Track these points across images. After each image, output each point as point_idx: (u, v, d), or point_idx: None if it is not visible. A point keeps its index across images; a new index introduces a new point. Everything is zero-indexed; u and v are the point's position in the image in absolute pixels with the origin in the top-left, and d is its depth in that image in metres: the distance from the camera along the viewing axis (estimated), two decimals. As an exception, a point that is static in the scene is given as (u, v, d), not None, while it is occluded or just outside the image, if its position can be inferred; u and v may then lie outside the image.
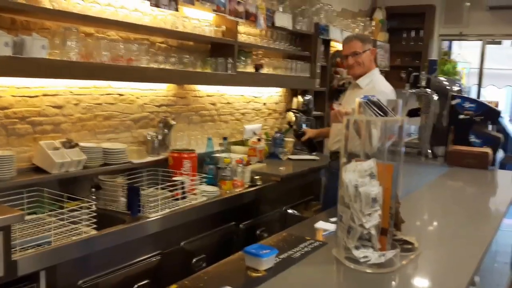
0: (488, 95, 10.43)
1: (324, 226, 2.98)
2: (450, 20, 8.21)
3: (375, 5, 8.34)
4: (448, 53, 8.29)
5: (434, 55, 8.19)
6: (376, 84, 3.89)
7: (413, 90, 5.43)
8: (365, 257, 2.20)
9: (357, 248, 2.18)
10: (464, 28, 8.10)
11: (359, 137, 3.70)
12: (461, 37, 8.17)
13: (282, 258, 2.41)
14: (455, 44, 8.69)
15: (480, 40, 8.23)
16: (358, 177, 2.16)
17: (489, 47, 8.23)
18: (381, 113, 2.23)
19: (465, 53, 8.19)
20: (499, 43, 8.36)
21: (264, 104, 5.63)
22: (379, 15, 7.98)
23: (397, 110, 2.27)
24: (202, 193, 3.62)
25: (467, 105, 5.27)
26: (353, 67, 3.99)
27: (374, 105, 2.25)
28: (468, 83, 8.53)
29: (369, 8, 8.27)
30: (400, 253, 2.31)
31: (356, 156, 2.34)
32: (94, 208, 2.90)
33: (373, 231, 2.16)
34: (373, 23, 7.61)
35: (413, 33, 8.36)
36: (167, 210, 3.24)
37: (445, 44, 8.67)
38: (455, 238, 2.89)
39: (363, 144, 2.31)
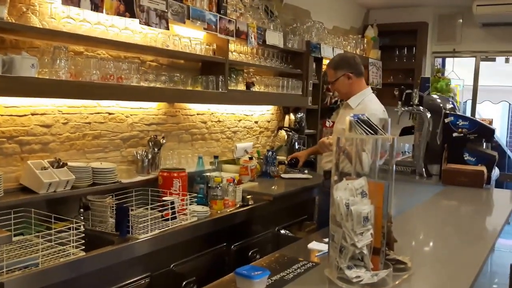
0: (483, 111, 10.47)
1: (318, 246, 2.94)
2: (443, 37, 8.22)
3: (366, 22, 8.37)
4: (441, 70, 8.28)
5: (427, 72, 8.18)
6: (367, 105, 3.87)
7: (406, 108, 5.40)
8: (358, 277, 2.16)
9: (349, 268, 2.14)
10: (457, 45, 8.11)
11: (350, 162, 3.70)
12: (454, 54, 8.16)
13: (274, 280, 2.36)
14: (448, 61, 8.68)
15: (474, 56, 8.23)
16: (349, 196, 2.12)
17: (483, 64, 8.24)
18: (371, 131, 2.21)
19: (458, 70, 8.18)
20: (493, 60, 8.36)
21: (256, 122, 5.60)
22: (371, 32, 7.98)
23: (387, 128, 2.24)
24: (192, 213, 3.56)
25: (460, 122, 5.24)
26: (336, 92, 4.05)
27: (364, 123, 2.22)
28: (462, 100, 8.53)
29: (360, 26, 8.30)
30: (393, 273, 2.27)
31: (347, 175, 2.31)
32: (82, 229, 2.83)
33: (365, 251, 2.13)
34: (365, 40, 7.61)
35: (405, 51, 8.34)
36: (157, 231, 3.18)
37: (438, 61, 8.67)
38: (449, 258, 2.85)
39: (354, 166, 2.28)
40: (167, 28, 3.71)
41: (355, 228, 2.08)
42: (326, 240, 3.03)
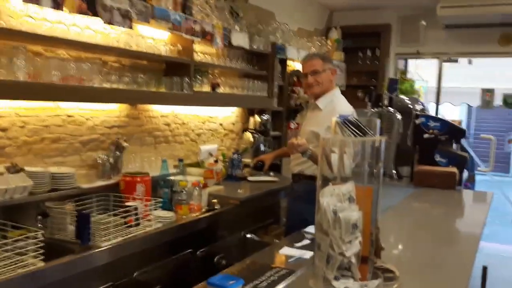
0: (444, 113, 10.57)
1: (290, 252, 2.89)
2: (406, 39, 8.23)
3: (330, 24, 8.34)
4: (404, 72, 8.31)
5: (390, 74, 8.20)
6: (337, 106, 3.82)
7: (376, 110, 5.38)
8: None
9: (336, 278, 2.04)
10: (420, 47, 8.12)
11: (315, 163, 3.64)
12: (418, 55, 8.19)
13: None
14: (411, 63, 8.71)
15: (437, 58, 8.27)
16: (336, 201, 2.01)
17: (446, 65, 8.29)
18: (360, 133, 2.11)
19: (421, 72, 8.22)
20: (455, 61, 8.42)
21: (221, 124, 5.50)
22: (335, 34, 7.97)
23: (376, 129, 2.15)
24: (157, 219, 3.44)
25: (431, 124, 5.24)
26: (312, 86, 3.91)
27: (351, 124, 2.12)
28: (426, 101, 8.57)
29: (324, 28, 8.27)
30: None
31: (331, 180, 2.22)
32: (41, 237, 2.69)
33: (353, 260, 2.02)
34: (329, 42, 7.58)
35: (369, 52, 8.33)
36: (120, 238, 3.06)
37: (401, 63, 8.70)
38: (435, 264, 2.79)
39: (338, 169, 2.18)
40: (131, 27, 3.59)
41: (343, 236, 1.98)
42: (298, 245, 3.01)
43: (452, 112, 13.23)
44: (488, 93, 8.27)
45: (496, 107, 8.40)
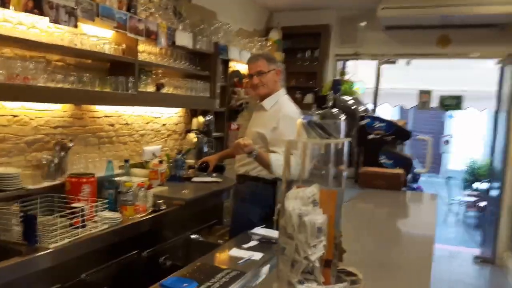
0: (381, 114, 10.79)
1: (239, 253, 2.91)
2: (346, 39, 8.30)
3: (270, 25, 8.36)
4: (344, 73, 8.41)
5: (329, 75, 8.29)
6: (282, 107, 3.86)
7: (320, 111, 5.42)
8: None
9: (301, 282, 2.05)
10: (359, 48, 8.21)
11: (262, 165, 3.66)
12: (357, 56, 8.27)
13: None
14: (350, 64, 8.82)
15: (375, 59, 8.38)
16: (301, 205, 2.02)
17: (383, 67, 8.45)
18: (326, 135, 2.12)
19: (359, 73, 8.33)
20: (393, 62, 8.57)
21: (164, 125, 5.48)
22: (275, 35, 8.00)
23: (340, 131, 2.17)
24: (103, 220, 3.41)
25: (377, 124, 5.30)
26: (257, 87, 3.93)
27: (318, 126, 2.13)
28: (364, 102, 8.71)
29: (263, 28, 8.29)
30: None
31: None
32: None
33: (317, 263, 2.03)
34: (269, 43, 7.63)
35: (308, 53, 8.37)
36: (67, 240, 3.01)
37: (339, 64, 8.79)
38: (393, 266, 2.84)
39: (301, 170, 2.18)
40: (76, 26, 3.54)
41: (308, 240, 1.98)
42: (246, 246, 3.03)
43: (387, 113, 13.49)
44: (425, 94, 8.46)
45: (432, 108, 8.59)
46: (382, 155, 5.25)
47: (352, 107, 5.64)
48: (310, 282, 2.06)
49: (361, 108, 5.71)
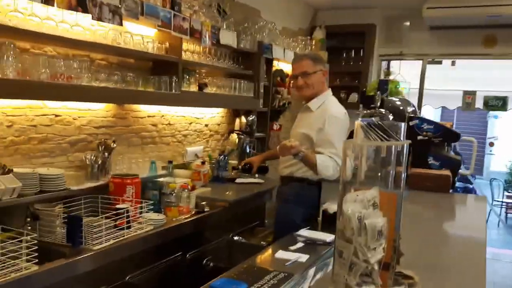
0: (426, 115, 10.64)
1: (285, 255, 2.84)
2: (390, 39, 8.19)
3: (314, 23, 8.24)
4: (389, 73, 8.28)
5: (373, 75, 8.17)
6: (329, 108, 3.77)
7: (367, 111, 5.31)
8: None
9: (358, 285, 1.99)
10: (404, 48, 8.10)
11: (307, 166, 3.57)
12: (401, 56, 8.16)
13: None
14: (394, 64, 8.69)
15: (420, 59, 8.25)
16: (361, 208, 1.95)
17: (428, 67, 8.31)
18: (386, 137, 2.03)
19: (403, 73, 8.19)
20: (439, 63, 8.42)
21: (206, 125, 5.42)
22: (319, 34, 7.89)
23: (401, 133, 2.07)
24: (147, 221, 3.36)
25: (425, 126, 5.18)
26: (302, 88, 3.84)
27: (378, 128, 2.04)
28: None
29: (308, 27, 8.18)
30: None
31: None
32: (34, 240, 2.58)
33: (375, 266, 1.97)
34: (313, 42, 7.52)
35: (352, 53, 8.23)
36: (112, 241, 2.97)
37: (383, 64, 8.67)
38: (446, 268, 2.74)
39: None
40: (121, 24, 3.50)
41: (369, 243, 1.92)
42: (292, 248, 2.96)
43: (430, 115, 13.29)
44: (469, 95, 8.29)
45: (477, 109, 8.42)
46: (430, 156, 5.12)
47: (400, 108, 5.50)
48: (368, 285, 2.00)
49: (409, 109, 5.57)
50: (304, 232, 3.26)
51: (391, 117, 5.24)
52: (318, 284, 2.51)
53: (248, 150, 5.52)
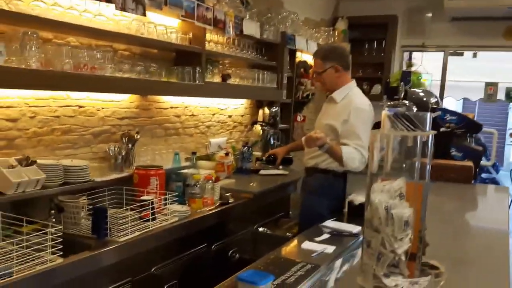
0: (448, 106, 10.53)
1: (311, 246, 2.83)
2: (412, 30, 8.15)
3: (336, 14, 8.19)
4: (411, 64, 8.21)
5: (396, 67, 8.09)
6: (353, 99, 3.72)
7: (391, 102, 5.24)
8: (396, 285, 1.97)
9: (386, 276, 1.95)
10: (426, 39, 8.04)
11: (332, 157, 3.53)
12: (423, 48, 8.09)
13: (277, 284, 2.23)
14: (416, 55, 8.60)
15: (441, 51, 8.19)
16: (388, 198, 1.92)
17: (449, 59, 8.22)
18: (412, 127, 1.99)
19: (424, 65, 8.11)
20: (461, 54, 8.34)
21: (230, 116, 5.37)
22: (342, 25, 7.84)
23: (426, 124, 2.02)
24: (172, 213, 3.32)
25: (448, 117, 5.12)
26: (319, 84, 3.91)
27: (404, 118, 2.00)
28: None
29: (330, 18, 8.12)
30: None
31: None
32: (60, 232, 2.54)
33: (402, 257, 1.94)
34: (336, 33, 7.44)
35: (375, 44, 8.20)
36: (137, 233, 2.93)
37: (405, 55, 8.60)
38: (470, 259, 2.73)
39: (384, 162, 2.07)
40: (144, 14, 3.45)
41: (395, 234, 1.89)
42: (318, 239, 2.94)
43: (452, 106, 13.15)
44: (491, 86, 8.19)
45: (499, 100, 8.32)
46: (452, 148, 5.06)
47: (424, 99, 5.43)
48: (395, 276, 2.00)
49: (432, 100, 5.49)
50: (330, 223, 3.25)
51: (415, 108, 5.16)
52: (345, 275, 2.50)
53: (272, 142, 5.48)
